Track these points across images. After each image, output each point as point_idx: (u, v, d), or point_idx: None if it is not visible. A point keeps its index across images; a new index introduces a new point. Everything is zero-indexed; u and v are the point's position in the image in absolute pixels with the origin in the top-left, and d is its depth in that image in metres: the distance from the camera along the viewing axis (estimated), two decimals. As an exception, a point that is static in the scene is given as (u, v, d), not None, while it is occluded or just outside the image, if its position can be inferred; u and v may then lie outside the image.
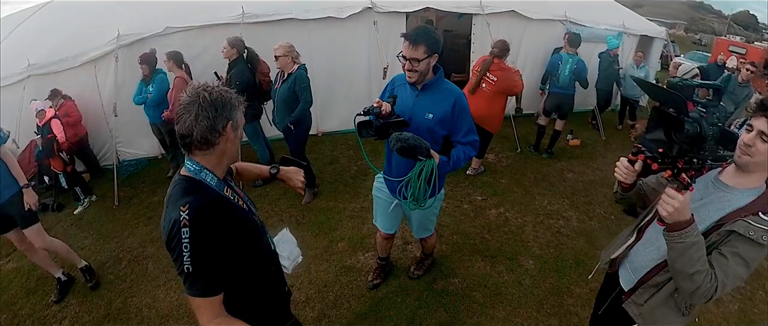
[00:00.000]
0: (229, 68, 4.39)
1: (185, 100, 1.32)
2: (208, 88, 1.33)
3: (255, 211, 1.65)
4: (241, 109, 1.43)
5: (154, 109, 4.87)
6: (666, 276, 1.72)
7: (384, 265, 3.49)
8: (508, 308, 3.32)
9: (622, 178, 1.74)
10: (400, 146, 2.13)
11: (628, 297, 1.91)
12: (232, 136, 1.39)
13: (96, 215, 4.72)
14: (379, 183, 2.85)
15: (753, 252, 1.47)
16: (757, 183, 1.53)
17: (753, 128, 1.46)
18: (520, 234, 4.24)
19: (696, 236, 1.44)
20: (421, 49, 2.15)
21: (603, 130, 7.35)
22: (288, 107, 4.06)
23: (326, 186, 5.05)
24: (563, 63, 5.53)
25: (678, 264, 1.48)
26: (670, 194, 1.38)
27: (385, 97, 2.47)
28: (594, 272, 2.40)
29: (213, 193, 1.39)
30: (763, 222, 1.44)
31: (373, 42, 6.02)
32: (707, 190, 1.64)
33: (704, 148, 1.32)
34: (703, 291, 1.47)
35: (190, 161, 1.40)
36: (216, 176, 1.42)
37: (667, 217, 1.41)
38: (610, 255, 2.06)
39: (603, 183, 5.54)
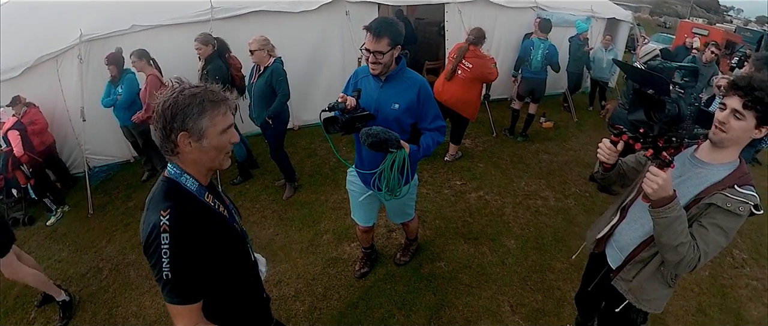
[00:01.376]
0: (205, 64, 4.30)
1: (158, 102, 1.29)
2: (167, 94, 1.27)
3: (238, 219, 1.61)
4: (212, 115, 1.29)
5: (125, 111, 4.71)
6: (651, 252, 1.81)
7: (369, 254, 3.52)
8: (494, 287, 3.41)
9: (605, 159, 1.81)
10: (371, 141, 2.16)
11: (616, 275, 1.99)
12: (191, 148, 1.30)
13: (71, 226, 4.53)
14: (352, 176, 2.86)
15: (731, 222, 1.57)
16: (731, 158, 1.63)
17: (727, 107, 1.55)
18: (501, 216, 4.35)
19: (679, 210, 1.52)
20: (384, 41, 2.16)
21: (575, 112, 7.55)
22: (265, 101, 4.02)
23: (306, 179, 5.03)
24: (535, 48, 5.64)
25: (664, 238, 1.56)
26: (654, 172, 1.46)
27: (348, 91, 2.47)
28: (578, 252, 2.47)
29: (193, 199, 1.35)
30: (738, 194, 1.54)
31: (346, 33, 5.99)
32: (685, 167, 1.72)
33: (682, 127, 1.40)
34: (688, 261, 1.56)
35: (171, 163, 1.37)
36: (197, 181, 1.37)
37: (652, 194, 1.49)
38: (596, 235, 2.13)
39: (577, 162, 5.71)
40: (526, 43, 5.89)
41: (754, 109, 1.48)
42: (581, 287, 2.53)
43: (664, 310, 3.20)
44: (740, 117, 1.51)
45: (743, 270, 4.00)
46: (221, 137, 1.33)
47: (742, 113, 1.50)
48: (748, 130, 1.53)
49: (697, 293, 3.56)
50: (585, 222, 4.34)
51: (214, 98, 1.30)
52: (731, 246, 4.26)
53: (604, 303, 2.25)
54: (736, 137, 1.55)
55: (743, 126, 1.52)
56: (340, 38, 6.07)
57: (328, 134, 2.31)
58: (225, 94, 1.35)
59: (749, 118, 1.50)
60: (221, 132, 1.32)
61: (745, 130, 1.53)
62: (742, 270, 3.99)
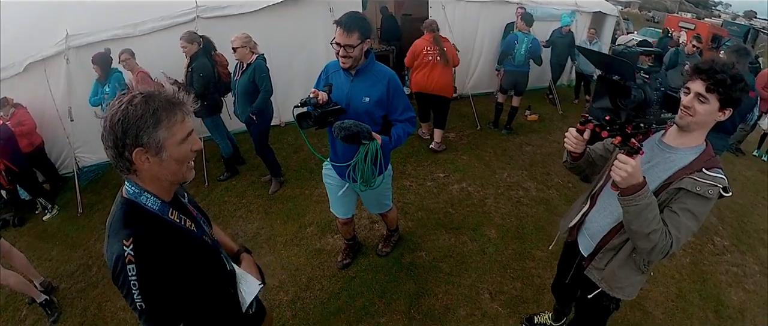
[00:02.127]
0: (191, 61, 4.35)
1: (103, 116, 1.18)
2: (115, 106, 1.15)
3: (207, 230, 1.53)
4: (168, 125, 1.17)
5: (112, 109, 4.77)
6: (622, 239, 1.84)
7: (352, 245, 3.60)
8: (474, 275, 3.50)
9: (572, 148, 1.80)
10: (343, 134, 2.23)
11: (588, 263, 2.03)
12: (149, 163, 1.19)
13: (60, 225, 4.57)
14: (327, 170, 2.92)
15: (701, 205, 1.59)
16: (698, 141, 1.67)
17: (690, 91, 1.58)
18: (482, 207, 4.43)
19: (649, 197, 1.53)
20: (354, 35, 2.22)
21: (559, 105, 7.64)
22: (249, 98, 4.08)
23: (292, 174, 5.10)
24: (519, 42, 5.71)
25: (634, 226, 1.58)
26: (622, 159, 1.46)
27: (319, 85, 2.53)
28: (554, 241, 2.53)
29: (156, 221, 1.26)
30: (706, 178, 1.57)
31: (330, 28, 6.00)
32: (653, 152, 1.74)
33: (649, 112, 1.40)
34: (660, 247, 1.59)
35: (128, 181, 1.26)
36: (159, 199, 1.27)
37: (621, 182, 1.49)
38: (568, 224, 2.18)
39: (560, 154, 5.67)
40: (510, 37, 5.96)
41: (717, 92, 1.52)
42: (557, 276, 2.60)
43: (644, 296, 3.35)
44: (704, 100, 1.55)
45: (724, 256, 4.11)
46: (181, 147, 1.22)
47: (706, 96, 1.54)
48: (713, 113, 1.57)
49: (678, 279, 3.66)
50: (566, 211, 4.42)
51: (168, 104, 1.17)
52: (712, 233, 4.37)
53: (579, 291, 2.28)
54: (702, 120, 1.59)
55: (707, 109, 1.56)
56: (324, 34, 6.08)
57: (301, 129, 2.38)
58: (180, 97, 1.22)
59: (712, 100, 1.54)
60: (181, 141, 1.21)
61: (710, 113, 1.57)
62: (722, 256, 4.10)
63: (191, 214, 1.45)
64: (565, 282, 2.34)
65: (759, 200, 5.56)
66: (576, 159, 1.91)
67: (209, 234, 1.52)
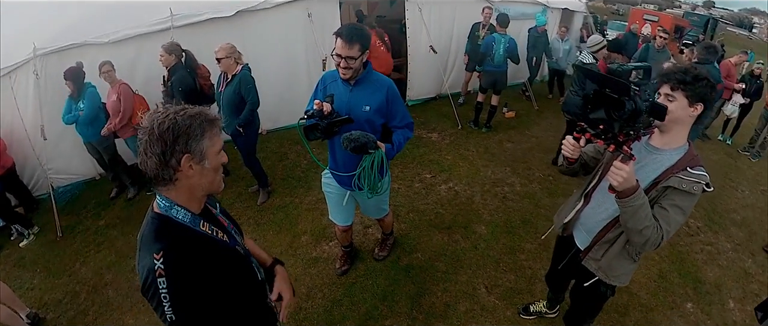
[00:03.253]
0: (170, 75, 4.26)
1: (142, 129, 1.21)
2: (161, 116, 1.19)
3: (239, 240, 1.55)
4: (210, 135, 1.25)
5: (88, 126, 4.58)
6: (617, 232, 2.00)
7: (349, 251, 3.63)
8: (469, 271, 3.60)
9: (570, 154, 1.93)
10: (353, 146, 2.30)
11: (585, 255, 2.17)
12: (192, 171, 1.24)
13: (40, 251, 4.35)
14: (327, 178, 2.94)
15: (687, 200, 1.76)
16: (681, 142, 1.83)
17: (660, 94, 1.78)
18: (471, 205, 4.55)
19: (643, 198, 1.69)
20: (356, 47, 2.26)
21: (535, 101, 7.85)
22: (235, 110, 4.01)
23: (279, 183, 5.07)
24: (497, 43, 5.87)
25: (630, 224, 1.75)
26: (618, 166, 1.60)
27: (320, 96, 2.55)
28: (547, 233, 2.66)
29: (187, 233, 1.29)
30: (691, 175, 1.73)
31: (309, 34, 6.02)
32: (641, 154, 1.88)
33: (639, 121, 1.51)
34: (652, 241, 1.76)
35: (159, 196, 1.29)
36: (189, 212, 1.30)
37: (618, 186, 1.63)
38: (563, 220, 2.31)
39: (539, 148, 5.99)
40: (488, 38, 6.08)
41: (681, 89, 1.70)
42: (551, 267, 2.73)
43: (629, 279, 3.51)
44: (672, 98, 1.73)
45: (698, 237, 4.38)
46: (218, 157, 1.31)
47: (672, 94, 1.73)
48: (684, 109, 1.73)
49: (658, 261, 3.87)
50: (550, 204, 4.59)
51: (210, 118, 1.27)
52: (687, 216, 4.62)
53: (574, 280, 2.45)
54: (675, 117, 1.73)
55: (678, 105, 1.72)
56: (303, 40, 6.08)
57: (308, 141, 2.41)
58: (215, 115, 1.31)
59: (680, 97, 1.71)
60: (218, 152, 1.30)
61: (681, 109, 1.73)
62: (697, 237, 4.37)
63: (222, 225, 1.47)
64: (558, 270, 2.50)
65: (727, 182, 5.90)
66: (572, 163, 2.07)
67: (241, 244, 1.55)
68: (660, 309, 3.40)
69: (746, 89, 7.07)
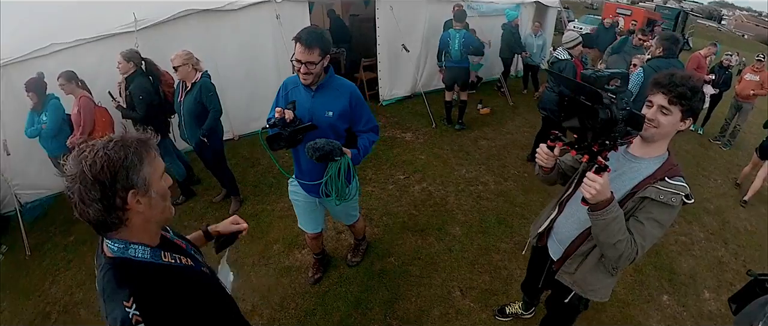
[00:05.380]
0: (127, 84, 4.10)
1: (67, 174, 1.05)
2: (88, 156, 1.04)
3: (201, 260, 1.46)
4: (149, 160, 1.13)
5: (52, 140, 4.41)
6: (590, 245, 1.92)
7: (321, 259, 3.56)
8: (443, 274, 3.57)
9: (544, 163, 1.88)
10: (318, 154, 2.24)
11: (558, 267, 2.10)
12: (142, 206, 1.12)
13: (7, 272, 4.16)
14: (293, 186, 2.88)
15: (665, 213, 1.67)
16: (660, 151, 1.75)
17: (653, 104, 1.66)
18: (445, 205, 4.52)
19: (616, 211, 1.59)
20: (315, 52, 2.19)
21: (510, 96, 7.87)
22: (196, 120, 3.88)
23: (251, 190, 4.96)
24: (451, 39, 5.81)
25: (602, 237, 1.66)
26: (591, 178, 1.51)
27: (281, 103, 2.48)
28: (526, 247, 2.58)
29: (152, 270, 1.18)
30: (669, 186, 1.64)
31: (278, 36, 5.91)
32: (619, 163, 1.81)
33: (615, 131, 1.44)
34: (626, 255, 1.67)
35: (110, 240, 1.15)
36: (147, 247, 1.19)
37: (591, 199, 1.54)
38: (538, 229, 2.25)
39: (514, 145, 6.01)
40: (443, 35, 6.05)
41: (679, 104, 1.60)
42: (527, 277, 2.70)
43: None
44: (667, 112, 1.63)
45: (672, 228, 4.39)
46: (162, 182, 1.19)
47: (668, 108, 1.62)
48: (675, 124, 1.65)
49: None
50: (524, 201, 4.60)
51: (141, 141, 1.14)
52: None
53: (550, 291, 2.38)
54: (665, 132, 1.67)
55: (670, 120, 1.63)
56: (272, 42, 5.97)
57: (272, 151, 2.33)
58: (147, 135, 1.19)
59: (675, 112, 1.62)
60: (161, 176, 1.19)
61: (673, 124, 1.65)
62: (671, 228, 4.37)
63: (182, 248, 1.38)
64: (538, 285, 2.44)
65: (699, 171, 6.00)
66: (547, 172, 1.99)
67: (205, 264, 1.46)
68: (636, 303, 3.42)
69: (716, 80, 7.20)
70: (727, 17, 50.86)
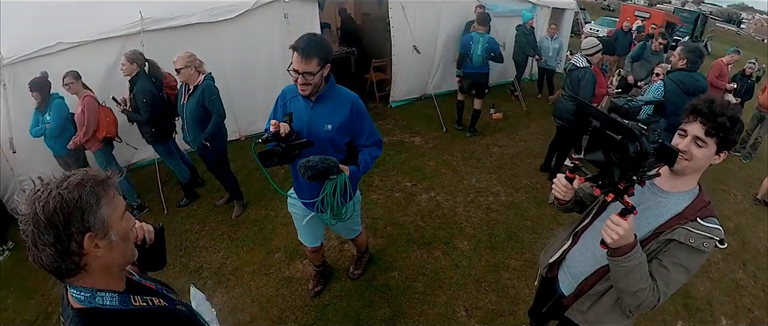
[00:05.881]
0: (131, 86, 4.04)
1: (20, 215, 0.98)
2: (41, 197, 0.96)
3: (175, 297, 1.37)
4: (107, 201, 1.05)
5: (56, 139, 4.38)
6: (606, 285, 1.73)
7: (322, 271, 3.45)
8: (449, 292, 3.43)
9: (561, 196, 1.72)
10: (310, 173, 2.08)
11: (569, 304, 1.92)
12: (100, 250, 1.04)
13: (13, 268, 4.17)
14: (292, 199, 2.77)
15: (693, 259, 1.49)
16: (691, 185, 1.56)
17: (687, 133, 1.47)
18: (453, 217, 4.37)
19: (639, 257, 1.43)
20: (313, 61, 2.06)
21: (524, 101, 7.68)
22: (199, 124, 3.80)
23: (255, 194, 4.86)
24: (474, 43, 5.62)
25: (622, 284, 1.50)
26: (615, 221, 1.35)
27: (278, 114, 2.36)
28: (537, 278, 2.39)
29: (122, 318, 1.11)
30: (702, 229, 1.46)
31: (286, 35, 5.80)
32: (643, 196, 1.62)
33: (644, 165, 1.28)
34: (646, 304, 1.51)
35: (74, 288, 1.07)
36: (115, 293, 1.11)
37: (612, 244, 1.38)
38: (548, 260, 2.08)
39: (527, 153, 5.83)
40: (465, 37, 5.86)
41: (716, 136, 1.43)
42: (534, 305, 2.53)
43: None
44: (702, 144, 1.45)
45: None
46: (123, 223, 1.11)
47: (704, 140, 1.44)
48: (710, 157, 1.47)
49: (647, 276, 3.72)
50: (536, 215, 4.43)
51: (98, 180, 1.05)
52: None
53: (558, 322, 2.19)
54: (699, 165, 1.49)
55: (705, 153, 1.45)
56: (280, 42, 5.83)
57: (265, 168, 2.19)
58: (105, 173, 1.10)
59: (711, 144, 1.44)
60: (121, 216, 1.10)
61: (707, 157, 1.47)
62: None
63: (151, 289, 1.29)
64: (542, 312, 2.29)
65: (718, 186, 5.77)
66: (564, 204, 1.84)
67: (180, 301, 1.37)
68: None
69: (737, 89, 6.94)
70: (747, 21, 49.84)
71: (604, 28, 17.97)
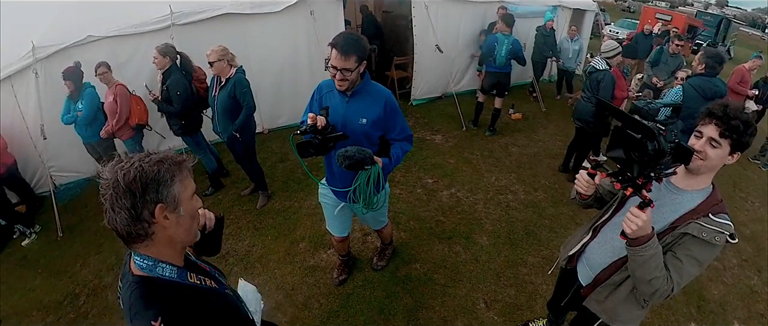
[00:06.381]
0: (164, 79, 4.17)
1: (103, 180, 1.08)
2: (124, 165, 1.08)
3: (225, 282, 1.47)
4: (180, 179, 1.15)
5: (87, 127, 4.55)
6: (623, 275, 1.85)
7: (346, 261, 3.56)
8: (468, 285, 3.52)
9: (583, 191, 1.83)
10: (348, 163, 2.20)
11: (587, 294, 2.03)
12: (168, 222, 1.14)
13: (41, 249, 4.34)
14: (324, 189, 2.87)
15: (706, 252, 1.60)
16: (705, 184, 1.67)
17: (703, 135, 1.58)
18: (473, 213, 4.45)
19: (655, 247, 1.55)
20: (352, 59, 2.16)
21: (542, 102, 7.70)
22: (230, 115, 3.92)
23: (279, 185, 5.00)
24: (499, 44, 5.67)
25: (638, 273, 1.61)
26: (634, 213, 1.47)
27: (313, 107, 2.46)
28: (553, 268, 2.51)
29: (178, 290, 1.20)
30: (713, 224, 1.57)
31: (312, 32, 5.92)
32: (660, 193, 1.73)
33: (661, 163, 1.39)
34: (661, 292, 1.62)
35: (138, 256, 1.17)
36: (175, 266, 1.21)
37: (631, 234, 1.51)
38: (568, 252, 2.19)
39: (546, 154, 5.87)
40: (490, 38, 5.92)
41: (730, 137, 1.54)
42: (553, 297, 2.63)
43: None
44: (716, 145, 1.56)
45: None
46: (192, 202, 1.21)
47: (718, 141, 1.55)
48: (723, 157, 1.58)
49: (662, 277, 3.75)
50: (554, 213, 4.49)
51: (176, 161, 1.16)
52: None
53: (576, 313, 2.31)
54: (712, 165, 1.59)
55: (719, 153, 1.56)
56: (305, 39, 5.99)
57: (302, 159, 2.32)
58: (182, 156, 1.21)
59: (725, 145, 1.55)
60: (191, 196, 1.21)
61: (721, 157, 1.57)
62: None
63: (206, 271, 1.39)
64: (561, 304, 2.39)
65: (736, 193, 5.74)
66: (585, 198, 1.94)
67: (229, 287, 1.48)
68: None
69: (759, 95, 6.88)
70: (772, 25, 48.74)
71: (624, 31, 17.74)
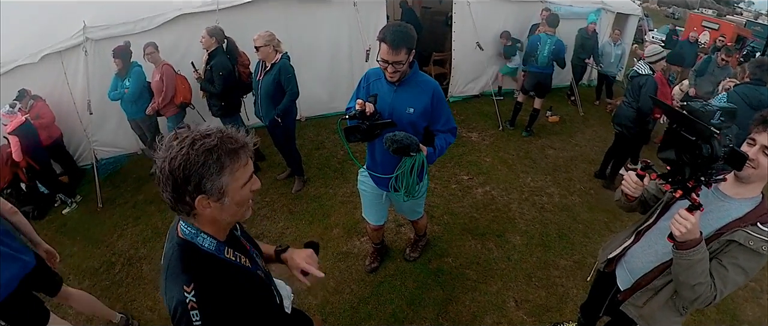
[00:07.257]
0: (209, 59, 4.29)
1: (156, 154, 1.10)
2: (174, 149, 1.06)
3: (260, 263, 1.49)
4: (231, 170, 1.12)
5: (133, 104, 4.74)
6: (665, 280, 1.80)
7: (379, 249, 3.59)
8: (500, 283, 3.49)
9: (631, 192, 1.79)
10: (395, 147, 2.23)
11: (625, 298, 1.99)
12: (209, 210, 1.14)
13: (81, 219, 4.56)
14: (363, 177, 2.89)
15: (752, 261, 1.55)
16: (755, 193, 1.61)
17: (756, 142, 1.52)
18: (507, 212, 4.41)
19: (703, 253, 1.50)
20: (402, 51, 2.19)
21: (581, 106, 7.54)
22: (272, 100, 3.98)
23: (315, 172, 5.07)
24: (542, 44, 5.61)
25: (682, 277, 1.57)
26: (683, 215, 1.43)
27: (361, 94, 2.49)
28: (592, 273, 2.45)
29: (213, 262, 1.22)
30: (761, 232, 1.51)
31: (354, 23, 5.97)
32: (708, 199, 1.67)
33: (713, 168, 1.36)
34: (703, 299, 1.58)
35: (184, 222, 1.22)
36: (215, 239, 1.23)
37: (680, 237, 1.47)
38: (608, 255, 2.14)
39: (582, 158, 5.74)
40: (533, 38, 5.86)
41: None
42: (588, 300, 2.57)
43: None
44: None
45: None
46: (243, 190, 1.18)
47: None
48: None
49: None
50: (588, 219, 4.40)
51: (233, 147, 1.11)
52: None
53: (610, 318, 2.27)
54: (764, 174, 1.52)
55: None
56: (347, 29, 6.05)
57: (348, 143, 2.35)
58: (243, 138, 1.16)
59: None
60: (243, 185, 1.17)
61: None
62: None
63: (245, 249, 1.41)
64: (598, 312, 2.33)
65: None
66: (631, 200, 1.90)
67: (262, 267, 1.49)
68: (693, 345, 3.19)
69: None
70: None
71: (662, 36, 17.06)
